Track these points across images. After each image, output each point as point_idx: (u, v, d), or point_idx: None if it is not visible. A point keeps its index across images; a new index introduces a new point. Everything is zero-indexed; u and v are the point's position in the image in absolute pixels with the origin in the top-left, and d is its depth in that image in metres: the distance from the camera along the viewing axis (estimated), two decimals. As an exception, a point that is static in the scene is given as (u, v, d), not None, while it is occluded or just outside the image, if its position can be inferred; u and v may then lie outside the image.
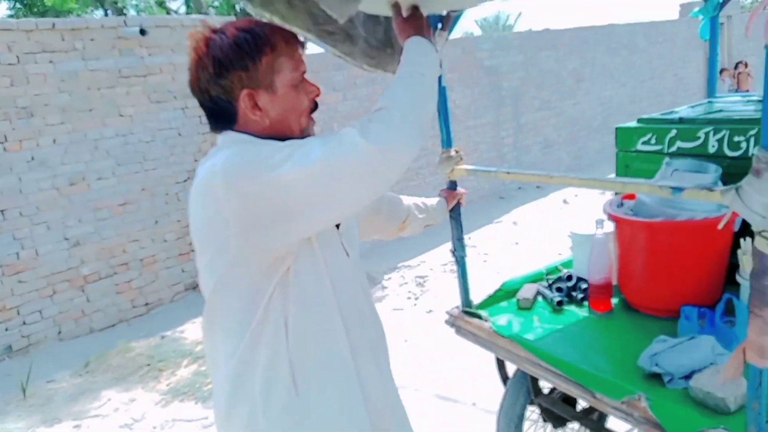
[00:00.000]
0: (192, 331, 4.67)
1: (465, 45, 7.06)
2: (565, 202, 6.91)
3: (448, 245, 1.90)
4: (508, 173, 1.63)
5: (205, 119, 1.18)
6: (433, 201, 1.72)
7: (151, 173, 5.29)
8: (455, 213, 1.82)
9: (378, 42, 1.98)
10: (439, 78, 1.82)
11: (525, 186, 7.73)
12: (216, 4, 12.78)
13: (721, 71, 8.89)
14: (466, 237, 1.86)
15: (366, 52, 1.96)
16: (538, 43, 7.85)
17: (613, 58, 8.94)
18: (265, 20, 1.32)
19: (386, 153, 0.96)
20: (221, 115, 1.09)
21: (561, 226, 5.81)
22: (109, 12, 13.24)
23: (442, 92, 1.82)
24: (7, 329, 4.49)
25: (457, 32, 1.89)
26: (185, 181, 5.49)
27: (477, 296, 1.93)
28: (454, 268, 1.92)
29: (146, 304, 5.26)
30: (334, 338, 1.10)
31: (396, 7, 1.29)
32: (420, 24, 1.23)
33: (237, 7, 11.30)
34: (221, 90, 1.07)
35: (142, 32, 5.05)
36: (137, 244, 5.19)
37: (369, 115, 1.01)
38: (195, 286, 5.60)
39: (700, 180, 1.65)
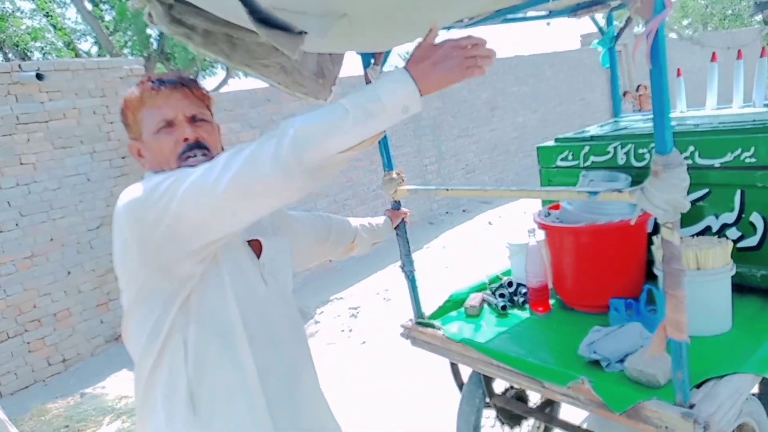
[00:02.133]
0: (114, 385, 4.48)
1: (382, 78, 7.40)
2: (489, 223, 7.30)
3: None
4: (447, 190, 1.82)
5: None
6: (379, 220, 1.88)
7: (60, 222, 5.09)
8: (401, 231, 1.98)
9: (310, 72, 2.15)
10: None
11: (452, 210, 8.09)
12: (129, 44, 12.51)
13: (624, 94, 9.82)
14: (398, 264, 2.04)
15: (299, 81, 2.12)
16: (451, 74, 8.37)
17: (521, 87, 9.66)
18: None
19: (255, 181, 0.99)
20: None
21: (488, 246, 6.15)
22: (9, 55, 12.58)
23: (380, 119, 2.00)
24: None
25: (386, 67, 2.08)
26: (98, 227, 5.32)
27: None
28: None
29: (63, 360, 4.99)
30: (237, 363, 1.17)
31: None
32: (417, 56, 1.08)
33: (151, 47, 11.13)
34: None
35: (39, 77, 4.93)
36: (49, 298, 4.94)
37: (267, 133, 1.04)
38: (117, 338, 5.37)
39: (612, 187, 1.92)
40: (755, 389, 1.81)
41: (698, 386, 1.37)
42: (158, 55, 11.83)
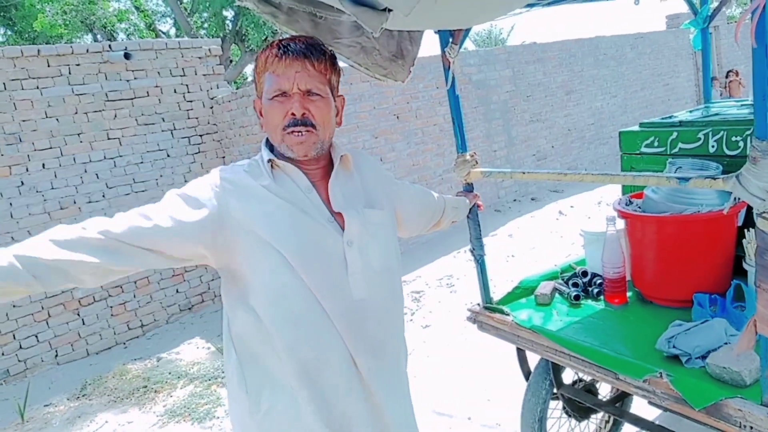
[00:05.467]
0: (188, 352, 4.74)
1: (453, 60, 7.29)
2: (561, 213, 7.11)
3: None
4: (524, 173, 1.79)
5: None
6: (459, 199, 1.87)
7: (141, 195, 5.39)
8: (472, 214, 1.98)
9: (390, 54, 2.16)
10: (452, 86, 2.00)
11: (520, 198, 7.93)
12: (206, 25, 12.98)
13: (712, 79, 9.25)
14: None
15: (379, 63, 2.14)
16: (524, 57, 8.13)
17: (601, 69, 9.28)
18: (291, 34, 1.47)
19: None
20: None
21: (557, 236, 6.00)
22: (98, 36, 13.37)
23: (455, 100, 1.99)
24: (3, 354, 4.55)
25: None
26: (177, 201, 5.59)
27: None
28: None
29: (142, 326, 5.33)
30: (276, 355, 1.16)
31: None
32: None
33: (227, 29, 11.50)
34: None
35: (127, 56, 5.22)
36: (130, 266, 5.27)
37: None
38: (190, 307, 5.67)
39: (704, 175, 1.82)
40: None
41: (789, 389, 1.30)
42: (233, 35, 12.20)
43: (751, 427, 1.22)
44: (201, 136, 5.80)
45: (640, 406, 2.23)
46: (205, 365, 4.35)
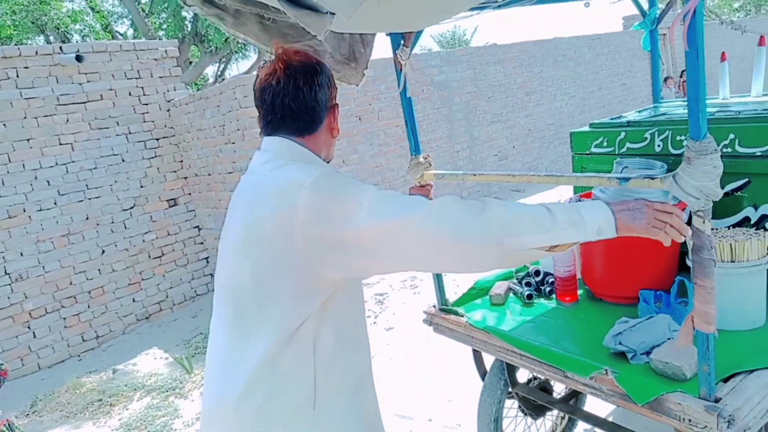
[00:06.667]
0: (145, 363, 4.64)
1: (413, 61, 7.31)
2: (523, 213, 7.23)
3: None
4: (475, 175, 1.82)
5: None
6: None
7: (95, 201, 5.27)
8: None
9: (342, 57, 2.16)
10: (404, 89, 2.01)
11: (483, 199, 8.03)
12: (165, 26, 12.73)
13: (666, 79, 9.55)
14: None
15: (332, 66, 2.13)
16: (485, 58, 8.24)
17: (560, 70, 9.47)
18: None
19: (451, 242, 1.03)
20: (305, 120, 1.22)
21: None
22: (51, 38, 12.96)
23: (408, 102, 2.00)
24: (-56, 372, 4.35)
25: (415, 48, 2.08)
26: (132, 208, 5.48)
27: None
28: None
29: (97, 337, 5.20)
30: (361, 370, 1.26)
31: None
32: (617, 203, 1.15)
33: (186, 30, 11.31)
34: (324, 97, 1.24)
35: (79, 58, 5.08)
36: (84, 275, 5.14)
37: (473, 200, 1.09)
38: (147, 317, 5.55)
39: (646, 174, 1.88)
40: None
41: (726, 380, 1.35)
42: (192, 37, 12.01)
43: (690, 420, 1.26)
44: (157, 139, 5.69)
45: (594, 403, 2.29)
46: (162, 376, 4.26)
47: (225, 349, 1.19)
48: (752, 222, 1.84)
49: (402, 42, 1.97)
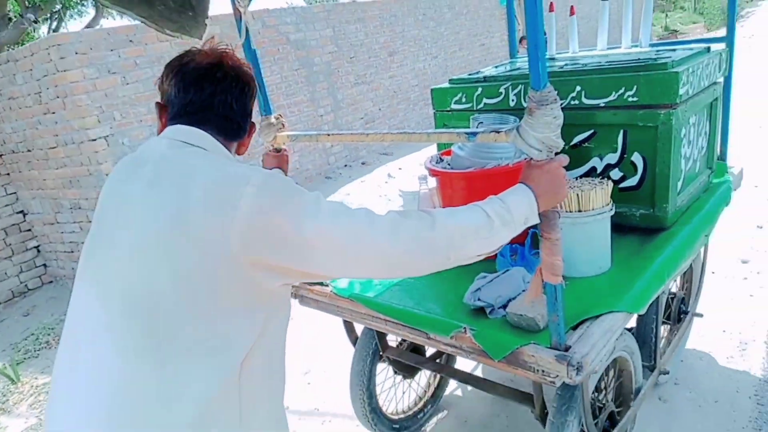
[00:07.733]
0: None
1: (266, 18, 6.91)
2: (390, 176, 7.32)
3: None
4: (329, 135, 1.73)
5: None
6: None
7: None
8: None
9: (176, 4, 1.94)
10: (247, 39, 1.84)
11: (350, 164, 8.01)
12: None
13: (521, 39, 10.04)
14: None
15: (166, 15, 1.92)
16: (345, 16, 8.09)
17: (421, 30, 9.60)
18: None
19: (402, 257, 1.06)
20: (237, 125, 1.19)
21: (386, 200, 6.18)
22: None
23: (252, 55, 1.84)
24: None
25: (259, 4, 1.91)
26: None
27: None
28: None
29: None
30: (279, 377, 1.19)
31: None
32: (542, 178, 1.19)
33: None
34: (251, 111, 1.23)
35: None
36: None
37: (414, 211, 1.13)
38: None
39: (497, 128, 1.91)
40: (633, 323, 1.93)
41: (575, 327, 1.41)
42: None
43: (543, 371, 1.31)
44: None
45: (464, 359, 2.36)
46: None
47: (125, 374, 0.98)
48: (598, 171, 1.95)
49: (240, -8, 1.80)
